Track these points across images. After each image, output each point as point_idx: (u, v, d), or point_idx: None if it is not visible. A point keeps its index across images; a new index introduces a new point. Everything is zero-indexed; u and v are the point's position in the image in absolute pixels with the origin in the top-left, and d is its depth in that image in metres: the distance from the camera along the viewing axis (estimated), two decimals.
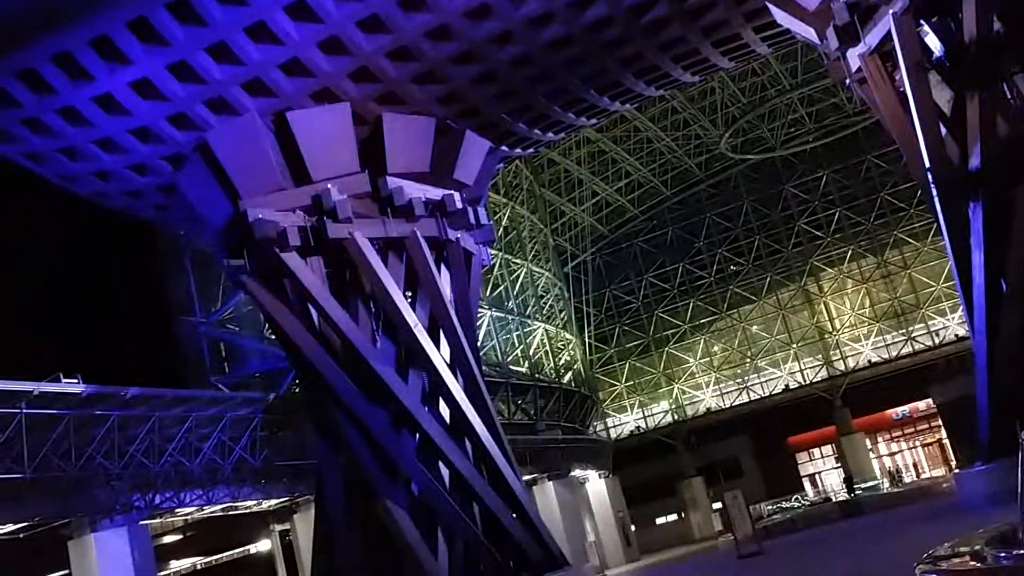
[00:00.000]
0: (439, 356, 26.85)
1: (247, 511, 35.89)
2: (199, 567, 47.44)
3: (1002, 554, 7.88)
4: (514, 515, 26.52)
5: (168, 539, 40.60)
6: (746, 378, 63.38)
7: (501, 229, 52.12)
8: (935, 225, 38.52)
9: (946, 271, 54.59)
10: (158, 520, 33.74)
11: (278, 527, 39.48)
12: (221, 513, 34.95)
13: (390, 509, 24.99)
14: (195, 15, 23.68)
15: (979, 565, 8.00)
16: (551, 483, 47.11)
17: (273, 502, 35.65)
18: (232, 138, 26.10)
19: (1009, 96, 23.66)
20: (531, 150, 37.06)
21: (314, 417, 27.65)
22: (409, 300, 27.50)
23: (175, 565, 45.86)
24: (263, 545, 43.13)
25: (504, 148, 32.42)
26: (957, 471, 32.75)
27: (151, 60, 24.34)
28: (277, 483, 34.50)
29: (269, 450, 32.99)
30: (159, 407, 28.50)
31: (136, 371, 31.34)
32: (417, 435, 26.17)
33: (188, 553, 44.75)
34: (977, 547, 8.57)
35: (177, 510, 32.28)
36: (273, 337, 32.58)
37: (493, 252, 45.73)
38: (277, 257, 25.51)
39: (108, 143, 26.82)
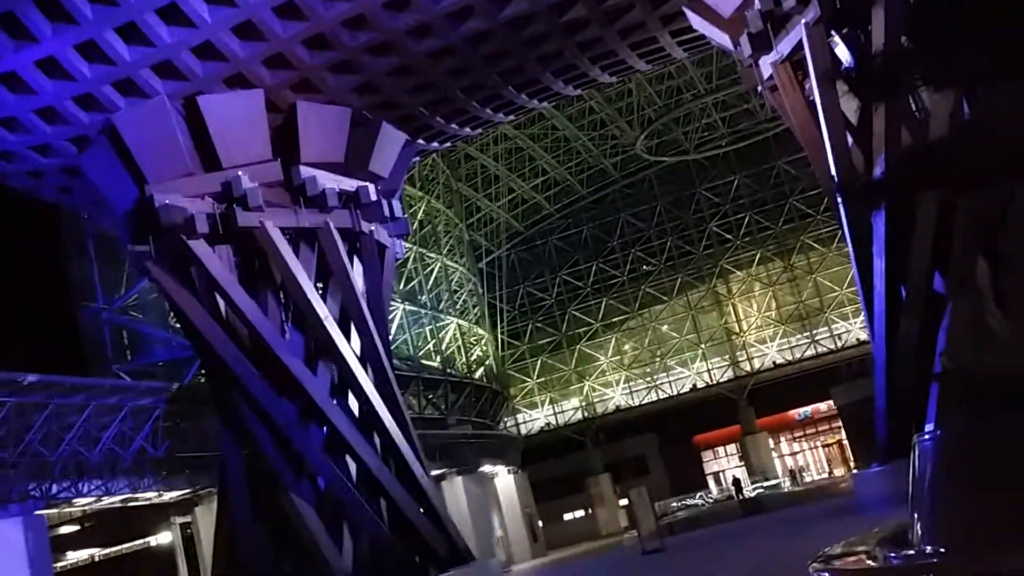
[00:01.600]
0: (349, 349, 26.62)
1: (147, 503, 35.04)
2: (97, 559, 46.24)
3: (892, 554, 8.12)
4: (421, 510, 26.44)
5: (65, 530, 39.47)
6: (655, 377, 64.23)
7: (416, 223, 51.85)
8: (840, 232, 39.51)
9: (850, 277, 56.00)
10: (55, 510, 32.74)
11: (179, 519, 38.67)
12: (120, 504, 34.08)
13: (295, 502, 24.70)
14: None
15: (871, 564, 8.23)
16: (460, 478, 47.05)
17: (175, 494, 34.86)
18: (140, 121, 25.49)
19: (914, 108, 24.39)
20: (448, 144, 36.99)
21: (219, 408, 27.18)
22: (320, 292, 27.22)
23: (72, 556, 44.60)
24: (163, 537, 42.19)
25: (421, 141, 32.29)
26: (855, 471, 33.67)
27: (58, 39, 23.62)
28: (179, 475, 33.73)
29: (171, 441, 32.25)
30: (58, 394, 27.61)
31: (35, 357, 30.42)
32: (325, 428, 25.92)
33: (86, 544, 43.56)
34: (869, 547, 8.81)
35: (75, 500, 31.33)
36: (178, 325, 31.90)
37: (407, 245, 45.45)
38: (184, 244, 25.01)
39: (11, 122, 25.97)
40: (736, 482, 55.57)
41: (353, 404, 26.82)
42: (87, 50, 24.17)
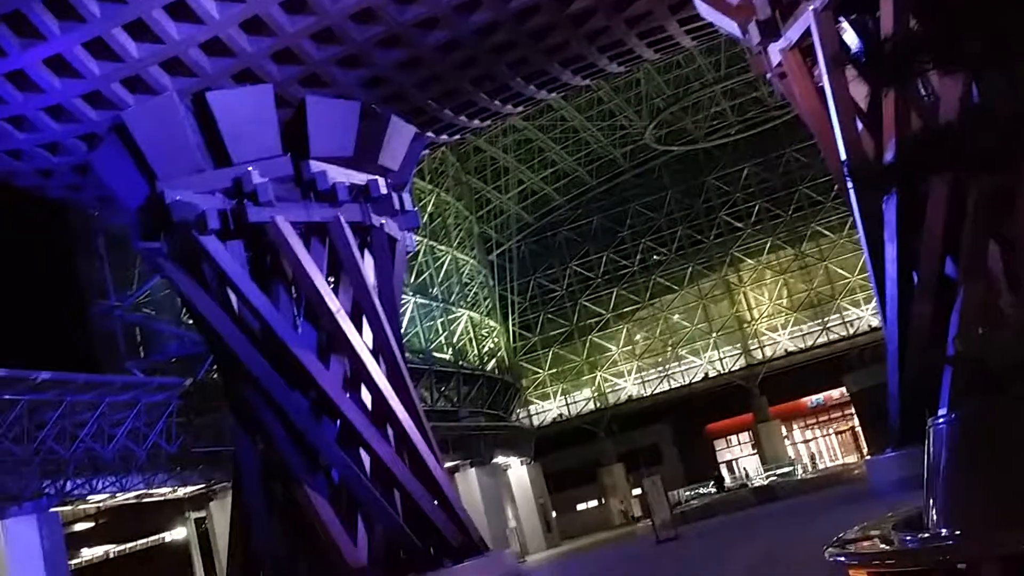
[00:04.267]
0: (361, 342, 26.68)
1: (162, 498, 35.25)
2: (112, 555, 46.51)
3: (908, 537, 8.13)
4: (435, 501, 26.52)
5: (80, 527, 39.70)
6: (667, 366, 64.21)
7: (426, 216, 51.86)
8: (851, 218, 39.40)
9: (861, 263, 55.85)
10: (69, 507, 32.95)
11: (194, 515, 38.87)
12: (135, 500, 34.30)
13: (309, 496, 24.77)
14: None
15: (886, 548, 8.23)
16: (473, 470, 47.18)
17: (189, 489, 35.09)
18: (149, 118, 25.54)
19: (924, 93, 24.28)
20: (457, 136, 36.98)
21: (232, 403, 27.27)
22: (332, 285, 27.26)
23: (87, 553, 44.87)
24: (178, 533, 42.41)
25: (430, 134, 32.31)
26: (868, 458, 33.62)
27: (66, 36, 23.66)
28: (193, 470, 33.95)
29: (185, 436, 32.46)
30: (71, 392, 27.80)
31: (48, 355, 30.55)
32: (338, 421, 25.99)
33: (101, 541, 43.82)
34: (885, 531, 8.82)
35: (89, 497, 31.56)
36: (191, 321, 32.01)
37: (418, 238, 45.48)
38: (195, 240, 25.07)
39: (19, 120, 26.05)
40: (718, 478, 55.77)
41: (366, 397, 26.88)
42: (95, 47, 24.22)
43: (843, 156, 25.26)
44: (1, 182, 29.74)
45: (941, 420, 8.66)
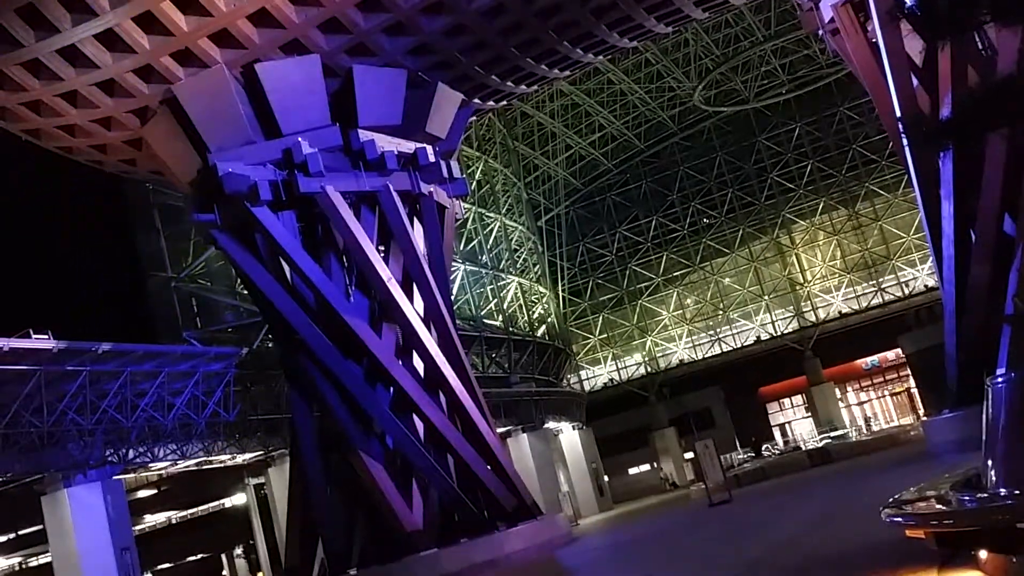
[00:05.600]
0: (412, 310, 26.85)
1: (222, 465, 35.94)
2: (175, 521, 47.61)
3: (966, 497, 8.06)
4: (488, 466, 26.73)
5: (143, 493, 40.67)
6: (718, 330, 63.86)
7: (474, 183, 51.91)
8: (906, 176, 38.73)
9: (916, 222, 54.98)
10: (132, 475, 33.76)
11: (253, 481, 39.62)
12: (195, 468, 35.01)
13: (365, 462, 25.11)
14: None
15: (943, 508, 8.17)
16: (525, 435, 47.46)
17: (248, 456, 35.72)
18: (200, 91, 25.77)
19: (980, 46, 23.73)
20: (504, 102, 36.82)
21: (288, 371, 27.67)
22: (382, 254, 27.42)
23: (150, 519, 45.99)
24: (238, 499, 43.28)
25: (477, 101, 32.19)
26: (925, 419, 33.29)
27: (116, 11, 23.87)
28: (251, 437, 34.55)
29: (243, 404, 33.00)
30: (131, 362, 28.37)
31: (107, 326, 31.18)
32: (391, 389, 26.25)
33: (163, 507, 44.87)
34: (943, 491, 8.74)
35: (151, 465, 32.30)
36: (245, 292, 32.43)
37: (466, 206, 45.54)
38: (248, 211, 25.33)
39: (73, 96, 26.39)
40: (756, 443, 55.49)
41: (418, 364, 27.10)
42: (145, 21, 24.41)
43: (898, 113, 24.82)
44: (58, 158, 30.21)
45: (1000, 380, 8.55)
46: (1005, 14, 11.56)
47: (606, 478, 57.82)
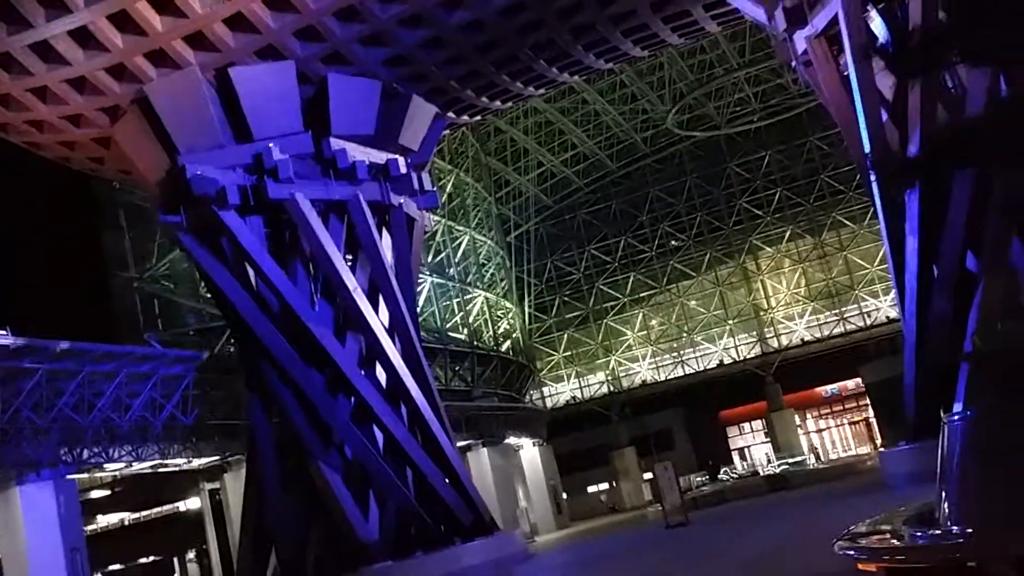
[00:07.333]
0: (377, 320, 26.76)
1: (177, 469, 35.55)
2: (127, 523, 47.04)
3: (919, 533, 8.11)
4: (447, 480, 26.64)
5: (96, 494, 40.17)
6: (682, 352, 64.14)
7: (445, 196, 51.84)
8: (872, 208, 39.14)
9: (881, 254, 55.53)
10: (86, 475, 33.28)
11: (208, 485, 39.20)
12: (150, 470, 34.59)
13: (322, 471, 24.94)
14: None
15: (896, 543, 8.22)
16: (485, 449, 47.34)
17: (204, 460, 35.34)
18: (172, 92, 25.61)
19: (951, 83, 24.05)
20: (478, 117, 36.88)
21: (248, 377, 27.44)
22: (349, 263, 27.32)
23: (103, 520, 45.42)
24: (193, 503, 42.85)
25: (451, 114, 32.22)
26: (882, 449, 33.55)
27: (91, 9, 23.67)
28: (208, 442, 34.21)
29: (201, 408, 32.68)
30: (89, 362, 28.04)
31: (68, 324, 30.77)
32: (352, 398, 26.11)
33: (117, 508, 44.35)
34: (896, 525, 8.80)
35: (105, 466, 31.87)
36: (209, 295, 32.15)
37: (436, 218, 45.56)
38: (215, 215, 25.15)
39: (43, 92, 26.11)
40: (714, 466, 55.85)
41: (381, 375, 26.99)
42: (119, 20, 24.23)
43: (867, 147, 25.07)
44: (24, 151, 29.84)
45: (957, 417, 8.63)
46: (975, 55, 11.74)
47: (564, 496, 57.77)
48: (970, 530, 7.51)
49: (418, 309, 35.95)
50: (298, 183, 25.96)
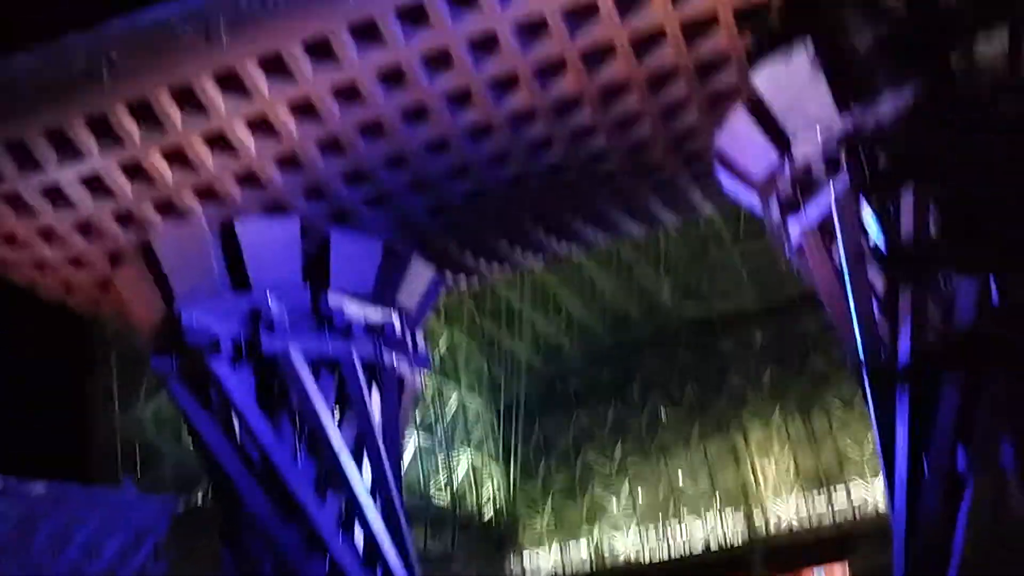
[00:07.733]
0: (360, 480, 26.33)
1: None
2: None
3: None
4: None
5: None
6: (668, 526, 62.75)
7: (437, 353, 51.80)
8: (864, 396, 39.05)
9: (871, 441, 55.12)
10: None
11: None
12: None
13: None
14: (153, 118, 23.77)
15: None
16: None
17: None
18: (176, 240, 25.96)
19: (943, 285, 24.16)
20: (476, 282, 37.26)
21: (224, 530, 26.78)
22: (336, 419, 27.07)
23: None
24: None
25: (448, 277, 32.58)
26: None
27: (104, 156, 24.26)
28: None
29: (175, 560, 31.70)
30: (65, 504, 27.34)
31: (43, 461, 30.30)
32: (327, 559, 25.41)
33: None
34: None
35: None
36: (191, 445, 31.72)
37: (427, 376, 45.38)
38: (206, 364, 25.09)
39: (48, 233, 26.46)
40: None
41: (359, 537, 26.34)
42: (131, 169, 24.77)
43: (858, 340, 24.99)
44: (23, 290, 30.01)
45: None
46: (967, 266, 11.99)
47: None
48: None
49: (403, 468, 35.39)
50: (292, 335, 25.99)
